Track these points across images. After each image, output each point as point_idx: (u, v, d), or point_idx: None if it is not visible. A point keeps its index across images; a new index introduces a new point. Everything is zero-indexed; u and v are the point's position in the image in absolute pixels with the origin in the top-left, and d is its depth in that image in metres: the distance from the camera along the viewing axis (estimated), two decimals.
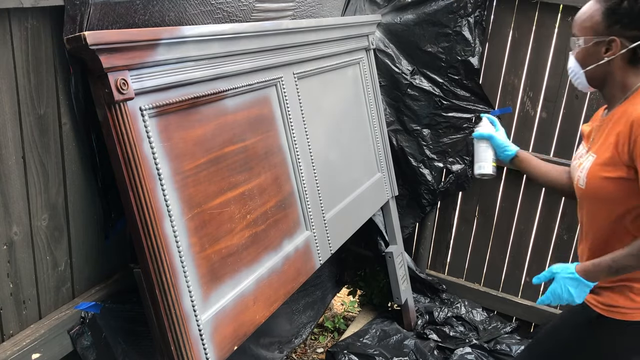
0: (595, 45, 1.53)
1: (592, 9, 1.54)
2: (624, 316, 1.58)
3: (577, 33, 1.58)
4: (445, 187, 3.01)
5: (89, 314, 1.58)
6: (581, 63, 1.59)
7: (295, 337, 2.77)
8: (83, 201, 1.54)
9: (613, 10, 1.48)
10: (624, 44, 1.49)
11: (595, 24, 1.52)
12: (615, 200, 1.53)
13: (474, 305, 3.11)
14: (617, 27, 1.49)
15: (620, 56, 1.51)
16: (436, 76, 2.84)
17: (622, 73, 1.54)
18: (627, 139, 1.45)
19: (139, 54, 1.39)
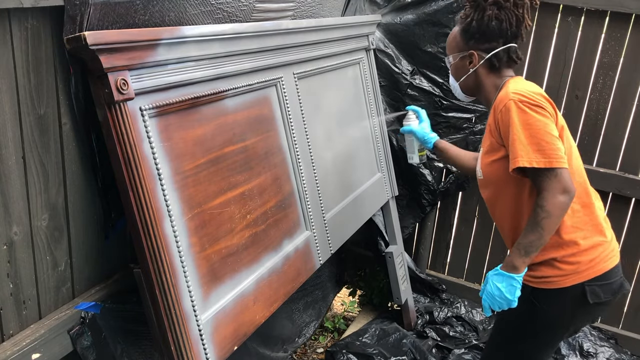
0: (461, 60, 1.83)
1: (454, 32, 1.84)
2: (554, 284, 1.71)
3: (448, 52, 1.87)
4: (445, 187, 3.01)
5: (89, 314, 1.58)
6: (455, 77, 1.88)
7: (299, 337, 2.77)
8: (83, 201, 1.54)
9: (466, 30, 1.78)
10: (481, 56, 1.79)
11: (458, 42, 1.82)
12: (507, 179, 1.71)
13: (474, 305, 3.11)
14: (472, 43, 1.78)
15: (481, 66, 1.80)
16: (436, 76, 2.84)
17: (488, 79, 1.81)
18: (494, 123, 1.70)
19: (139, 54, 1.39)
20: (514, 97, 1.62)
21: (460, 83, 1.87)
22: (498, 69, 1.79)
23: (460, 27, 1.81)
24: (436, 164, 2.96)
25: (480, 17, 1.73)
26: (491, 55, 1.77)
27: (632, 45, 2.57)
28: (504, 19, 1.73)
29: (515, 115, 1.60)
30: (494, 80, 1.81)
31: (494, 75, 1.80)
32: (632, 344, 2.87)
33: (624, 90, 2.63)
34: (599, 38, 2.63)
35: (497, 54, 1.77)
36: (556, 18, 2.67)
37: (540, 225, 1.58)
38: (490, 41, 1.76)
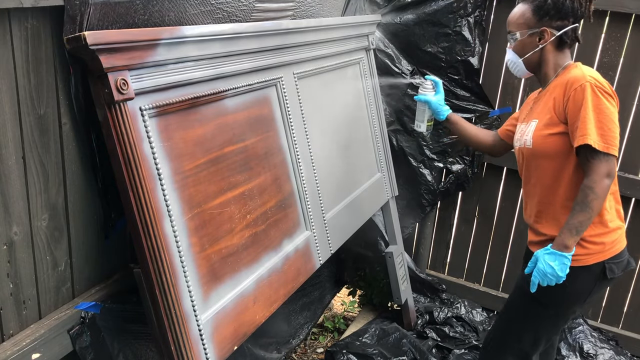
0: (530, 37, 1.89)
1: (523, 9, 1.90)
2: (579, 262, 1.82)
3: (513, 29, 1.93)
4: (445, 187, 3.01)
5: (88, 314, 1.58)
6: (519, 53, 1.93)
7: (293, 338, 2.76)
8: (83, 201, 1.54)
9: (540, 7, 1.84)
10: (552, 33, 1.86)
11: (528, 19, 1.88)
12: (557, 153, 1.82)
13: (474, 306, 3.11)
14: (546, 20, 1.85)
15: (550, 43, 1.87)
16: (436, 76, 2.84)
17: (552, 56, 1.90)
18: (562, 98, 1.78)
19: (139, 54, 1.39)
20: (590, 80, 1.73)
21: (525, 59, 1.92)
22: (563, 47, 1.88)
23: (531, 3, 1.86)
24: (436, 164, 2.96)
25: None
26: (562, 32, 1.84)
27: (632, 45, 2.57)
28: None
29: (590, 97, 1.71)
30: (557, 59, 1.89)
31: (558, 53, 1.89)
32: (632, 344, 2.87)
33: (624, 90, 2.63)
34: (599, 38, 2.63)
35: (567, 32, 1.85)
36: None
37: (589, 206, 1.72)
38: (563, 19, 1.84)
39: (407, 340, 2.80)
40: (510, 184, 2.96)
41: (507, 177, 2.97)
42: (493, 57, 2.82)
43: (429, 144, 2.93)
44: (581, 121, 1.71)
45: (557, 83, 1.86)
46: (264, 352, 2.54)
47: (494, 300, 3.14)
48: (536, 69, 1.95)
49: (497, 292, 3.15)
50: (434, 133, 2.91)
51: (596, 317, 2.96)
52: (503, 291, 3.15)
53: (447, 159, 2.96)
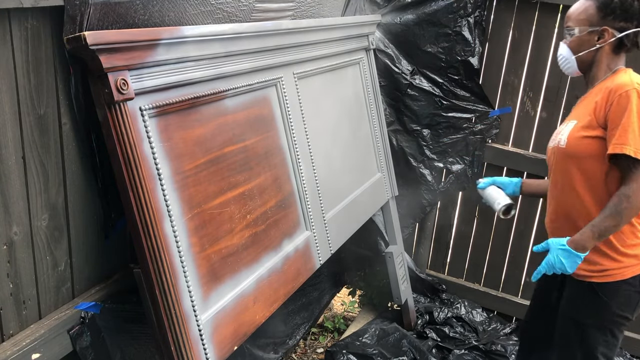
0: (589, 34, 1.79)
1: (586, 4, 1.79)
2: (615, 277, 1.78)
3: (572, 24, 1.82)
4: (445, 187, 3.01)
5: (88, 314, 1.58)
6: (574, 50, 1.83)
7: (290, 338, 2.75)
8: (83, 201, 1.54)
9: (607, 4, 1.74)
10: (613, 34, 1.76)
11: (591, 16, 1.78)
12: (590, 156, 1.75)
13: (474, 306, 3.11)
14: (609, 19, 1.75)
15: (609, 44, 1.78)
16: (436, 76, 2.84)
17: (607, 58, 1.80)
18: (604, 103, 1.71)
19: (139, 54, 1.39)
20: (638, 87, 1.66)
21: (579, 57, 1.83)
22: (620, 51, 1.79)
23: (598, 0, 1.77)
24: (436, 164, 2.96)
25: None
26: (624, 35, 1.75)
27: None
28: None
29: (635, 105, 1.64)
30: (610, 62, 1.81)
31: (614, 56, 1.80)
32: (632, 344, 2.87)
33: None
34: None
35: (629, 36, 1.76)
36: (556, 18, 2.67)
37: (621, 213, 1.66)
38: (627, 20, 1.74)
39: (407, 341, 2.80)
40: None
41: None
42: (493, 57, 2.82)
43: (429, 144, 2.93)
44: (621, 128, 1.64)
45: (602, 86, 1.78)
46: (262, 352, 2.54)
47: (494, 300, 3.14)
48: (587, 69, 1.86)
49: (497, 292, 3.15)
50: (433, 133, 2.91)
51: None
52: (503, 291, 3.15)
53: (447, 159, 2.95)
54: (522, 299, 3.10)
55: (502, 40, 2.77)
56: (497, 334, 2.95)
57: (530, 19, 2.70)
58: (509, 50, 2.78)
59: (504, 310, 3.14)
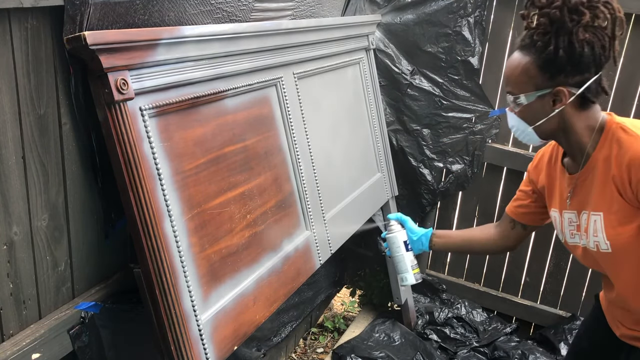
0: (540, 100, 1.43)
1: (522, 63, 1.42)
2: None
3: (515, 90, 1.46)
4: (445, 187, 3.01)
5: (88, 314, 1.58)
6: (528, 120, 1.48)
7: (274, 336, 2.72)
8: (83, 201, 1.54)
9: (551, 62, 1.38)
10: (571, 92, 1.40)
11: (534, 78, 1.42)
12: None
13: (474, 306, 3.11)
14: (560, 77, 1.40)
15: (570, 104, 1.42)
16: (436, 76, 2.84)
17: (579, 119, 1.44)
18: (627, 182, 1.36)
19: (139, 54, 1.39)
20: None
21: (537, 128, 1.47)
22: (590, 104, 1.44)
23: (536, 57, 1.40)
24: (436, 164, 2.96)
25: (569, 44, 1.35)
26: (584, 89, 1.40)
27: (632, 45, 2.57)
28: (596, 42, 1.37)
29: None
30: (585, 120, 1.44)
31: (585, 113, 1.44)
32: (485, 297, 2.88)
33: (624, 90, 2.63)
34: None
35: (590, 87, 1.40)
36: None
37: None
38: (583, 72, 1.39)
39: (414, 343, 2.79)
40: (510, 184, 2.96)
41: (507, 177, 2.97)
42: (493, 57, 2.82)
43: (429, 144, 2.93)
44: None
45: (605, 156, 1.42)
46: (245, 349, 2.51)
47: (494, 300, 3.14)
48: (558, 137, 1.50)
49: (497, 292, 3.15)
50: (433, 133, 2.91)
51: None
52: (503, 291, 3.15)
53: (447, 159, 2.96)
54: (522, 299, 3.10)
55: (502, 40, 2.77)
56: (497, 334, 2.95)
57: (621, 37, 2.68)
58: (508, 50, 2.77)
59: (504, 310, 3.14)
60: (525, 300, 3.09)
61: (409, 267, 1.95)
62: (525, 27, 1.44)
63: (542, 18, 1.38)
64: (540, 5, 1.39)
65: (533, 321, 3.09)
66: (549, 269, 3.00)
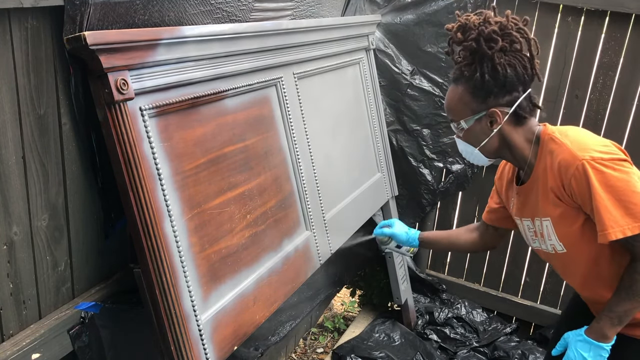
0: (478, 122, 1.57)
1: (457, 93, 1.58)
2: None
3: (456, 117, 1.61)
4: (445, 187, 3.01)
5: (88, 314, 1.58)
6: (472, 142, 1.62)
7: (272, 335, 2.72)
8: (83, 201, 1.54)
9: (479, 87, 1.53)
10: (504, 112, 1.54)
11: (469, 103, 1.56)
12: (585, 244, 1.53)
13: (474, 306, 3.11)
14: (491, 100, 1.54)
15: (506, 122, 1.55)
16: (436, 76, 2.84)
17: (516, 134, 1.58)
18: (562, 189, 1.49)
19: (139, 54, 1.39)
20: (584, 156, 1.43)
21: (482, 148, 1.61)
22: (525, 120, 1.57)
23: (467, 85, 1.55)
24: (436, 164, 2.96)
25: (492, 68, 1.50)
26: (515, 107, 1.54)
27: (632, 45, 2.57)
28: (517, 64, 1.52)
29: (594, 178, 1.40)
30: (524, 135, 1.58)
31: (522, 128, 1.58)
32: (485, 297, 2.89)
33: (624, 90, 2.63)
34: (599, 38, 2.63)
35: (521, 105, 1.54)
36: (556, 18, 2.67)
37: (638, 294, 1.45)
38: (511, 92, 1.53)
39: (414, 343, 2.79)
40: None
41: None
42: None
43: (429, 144, 2.93)
44: (596, 212, 1.41)
45: (543, 167, 1.54)
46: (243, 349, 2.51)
47: (494, 300, 3.14)
48: (502, 153, 1.63)
49: (497, 292, 3.15)
50: (433, 133, 2.91)
51: None
52: (503, 291, 3.15)
53: (447, 159, 2.96)
54: (522, 299, 3.10)
55: None
56: (497, 334, 2.95)
57: (531, 19, 2.69)
58: None
59: (504, 310, 3.14)
60: (525, 300, 3.09)
61: (405, 252, 2.19)
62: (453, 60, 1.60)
63: (464, 52, 1.55)
64: (458, 41, 1.56)
65: (533, 321, 3.09)
66: (549, 269, 3.00)
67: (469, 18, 1.56)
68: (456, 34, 1.56)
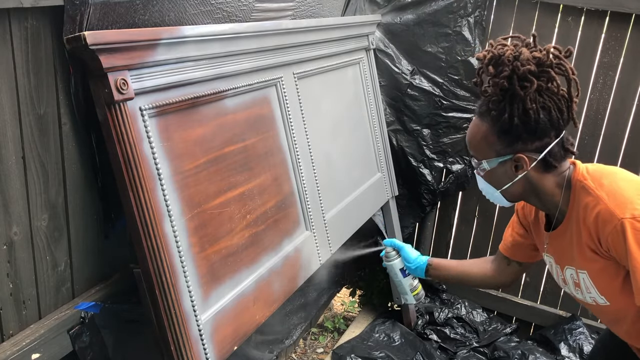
0: (502, 165, 1.43)
1: (482, 130, 1.43)
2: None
3: (478, 156, 1.48)
4: (445, 187, 3.01)
5: (88, 314, 1.58)
6: (494, 184, 1.49)
7: (286, 338, 2.74)
8: (83, 201, 1.54)
9: (506, 132, 1.38)
10: (531, 158, 1.40)
11: (492, 145, 1.42)
12: None
13: (474, 306, 3.11)
14: (519, 144, 1.39)
15: (533, 168, 1.41)
16: (436, 76, 2.84)
17: (545, 181, 1.43)
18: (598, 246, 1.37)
19: (139, 54, 1.39)
20: (624, 214, 1.28)
21: (504, 192, 1.48)
22: (555, 167, 1.42)
23: (492, 125, 1.39)
24: (436, 164, 2.96)
25: (523, 111, 1.34)
26: (545, 154, 1.38)
27: (632, 45, 2.57)
28: (552, 107, 1.36)
29: (632, 239, 1.27)
30: (553, 179, 1.43)
31: (551, 174, 1.43)
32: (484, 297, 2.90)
33: (624, 90, 2.63)
34: (599, 38, 2.63)
35: (552, 151, 1.39)
36: (556, 18, 2.67)
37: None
38: (542, 138, 1.38)
39: (414, 343, 2.79)
40: None
41: None
42: None
43: (429, 144, 2.93)
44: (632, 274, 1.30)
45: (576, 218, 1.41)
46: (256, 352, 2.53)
47: (494, 300, 3.14)
48: (528, 198, 1.49)
49: (497, 292, 3.15)
50: (433, 133, 2.91)
51: (597, 318, 2.96)
52: (503, 291, 3.15)
53: (447, 159, 2.95)
54: (522, 299, 3.10)
55: None
56: (497, 334, 2.95)
57: (530, 18, 2.70)
58: None
59: (504, 311, 3.14)
60: (525, 300, 3.09)
61: (407, 290, 2.01)
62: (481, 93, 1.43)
63: (494, 88, 1.37)
64: (489, 75, 1.38)
65: (533, 321, 3.08)
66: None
67: (503, 50, 1.38)
68: (487, 67, 1.39)
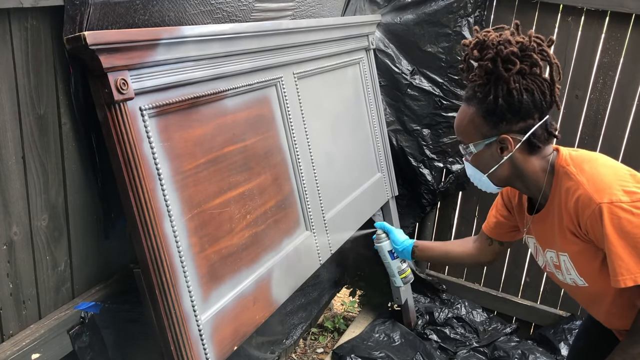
0: (488, 148, 1.48)
1: (468, 114, 1.48)
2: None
3: (465, 140, 1.52)
4: (445, 187, 3.01)
5: (88, 314, 1.58)
6: (481, 168, 1.53)
7: (286, 338, 2.74)
8: (83, 201, 1.54)
9: (491, 111, 1.43)
10: (516, 139, 1.45)
11: (479, 127, 1.46)
12: None
13: (474, 306, 3.11)
14: (503, 125, 1.44)
15: (518, 150, 1.46)
16: (436, 76, 2.84)
17: (529, 164, 1.48)
18: (577, 228, 1.42)
19: (139, 54, 1.39)
20: (602, 199, 1.34)
21: (490, 175, 1.52)
22: (539, 149, 1.48)
23: (478, 107, 1.45)
24: (436, 164, 2.96)
25: (507, 92, 1.41)
26: (529, 135, 1.44)
27: (632, 45, 2.57)
28: (535, 89, 1.42)
29: (609, 223, 1.33)
30: (537, 163, 1.49)
31: (535, 157, 1.48)
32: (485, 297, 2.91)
33: (624, 90, 2.63)
34: (599, 38, 2.63)
35: (535, 132, 1.45)
36: (556, 18, 2.67)
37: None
38: (526, 119, 1.44)
39: (414, 343, 2.79)
40: None
41: None
42: None
43: (429, 144, 2.93)
44: (609, 257, 1.35)
45: (557, 202, 1.47)
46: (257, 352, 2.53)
47: (494, 300, 3.14)
48: (513, 182, 1.54)
49: (497, 292, 3.15)
50: (433, 133, 2.91)
51: None
52: (503, 291, 3.15)
53: (447, 159, 2.96)
54: (522, 299, 3.10)
55: None
56: (497, 334, 2.95)
57: (531, 19, 2.70)
58: None
59: (504, 310, 3.14)
60: (525, 300, 3.09)
61: (395, 272, 2.10)
62: (467, 80, 1.50)
63: (479, 71, 1.44)
64: (475, 59, 1.45)
65: (533, 321, 3.09)
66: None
67: (487, 35, 1.45)
68: (472, 51, 1.45)
